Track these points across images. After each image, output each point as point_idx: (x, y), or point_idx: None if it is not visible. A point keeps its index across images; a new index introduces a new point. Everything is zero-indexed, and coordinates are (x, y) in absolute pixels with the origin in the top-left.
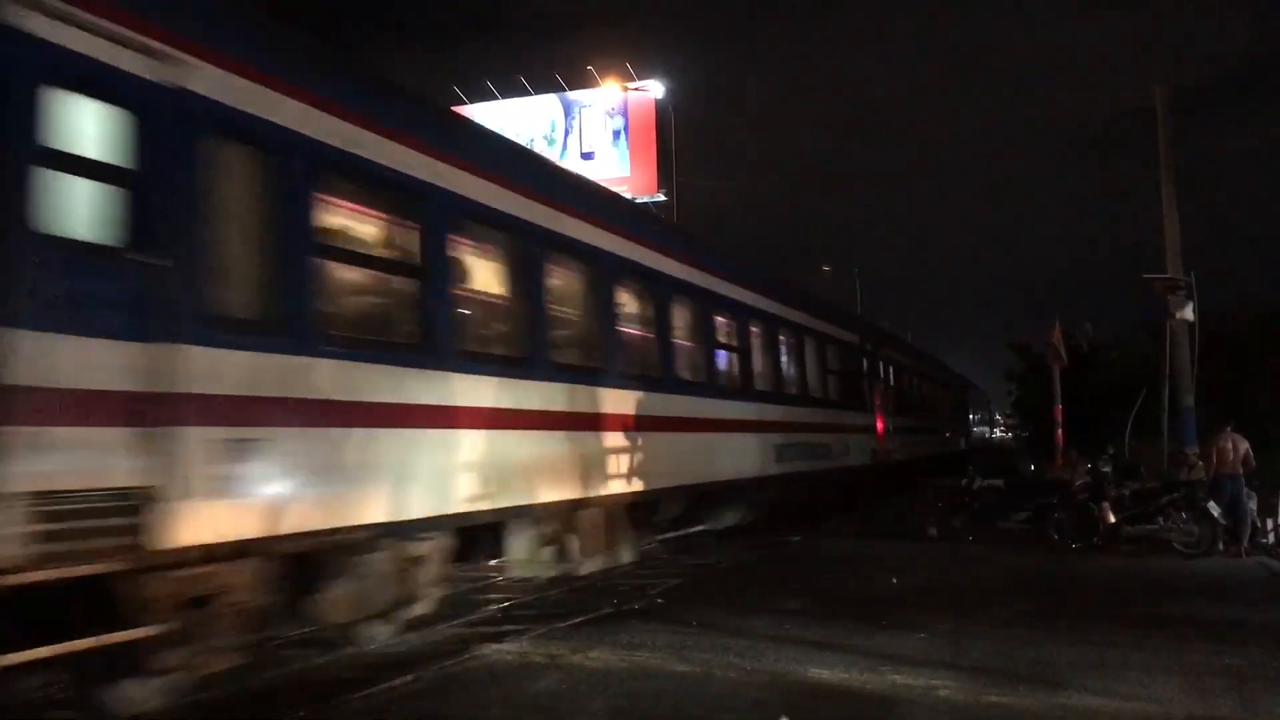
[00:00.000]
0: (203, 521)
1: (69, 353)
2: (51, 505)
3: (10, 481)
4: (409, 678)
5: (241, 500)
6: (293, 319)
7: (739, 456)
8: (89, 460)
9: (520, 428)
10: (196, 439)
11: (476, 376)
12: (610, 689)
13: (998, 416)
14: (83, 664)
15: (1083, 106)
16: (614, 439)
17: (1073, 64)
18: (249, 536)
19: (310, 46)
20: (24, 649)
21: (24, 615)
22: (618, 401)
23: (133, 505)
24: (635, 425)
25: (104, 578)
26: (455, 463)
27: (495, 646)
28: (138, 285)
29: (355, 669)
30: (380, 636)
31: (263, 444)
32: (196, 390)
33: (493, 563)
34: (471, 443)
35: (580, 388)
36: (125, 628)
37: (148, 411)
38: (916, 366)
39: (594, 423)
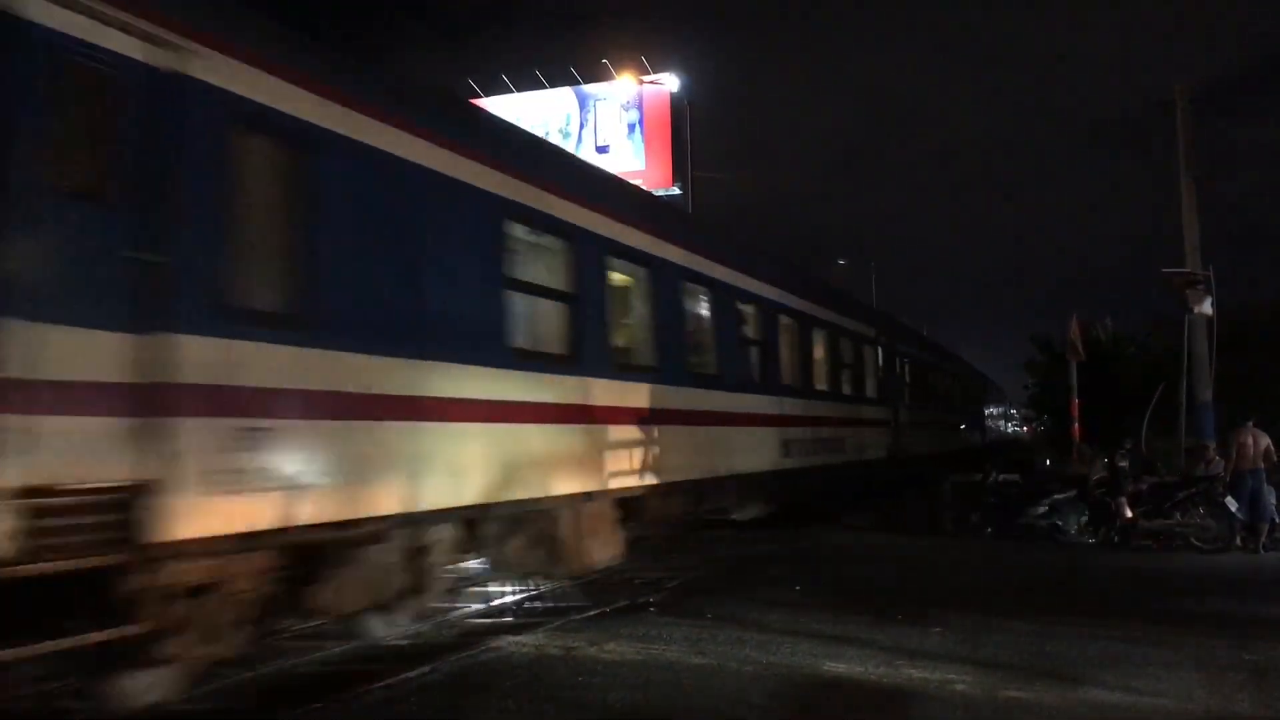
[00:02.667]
0: None
1: None
2: None
3: None
4: (425, 669)
5: None
6: None
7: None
8: None
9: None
10: None
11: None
12: (626, 681)
13: (1013, 411)
14: (86, 656)
15: (1104, 100)
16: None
17: (1094, 57)
18: None
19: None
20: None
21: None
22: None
23: None
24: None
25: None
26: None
27: (510, 638)
28: None
29: (371, 660)
30: None
31: None
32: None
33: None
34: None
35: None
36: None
37: None
38: (983, 386)
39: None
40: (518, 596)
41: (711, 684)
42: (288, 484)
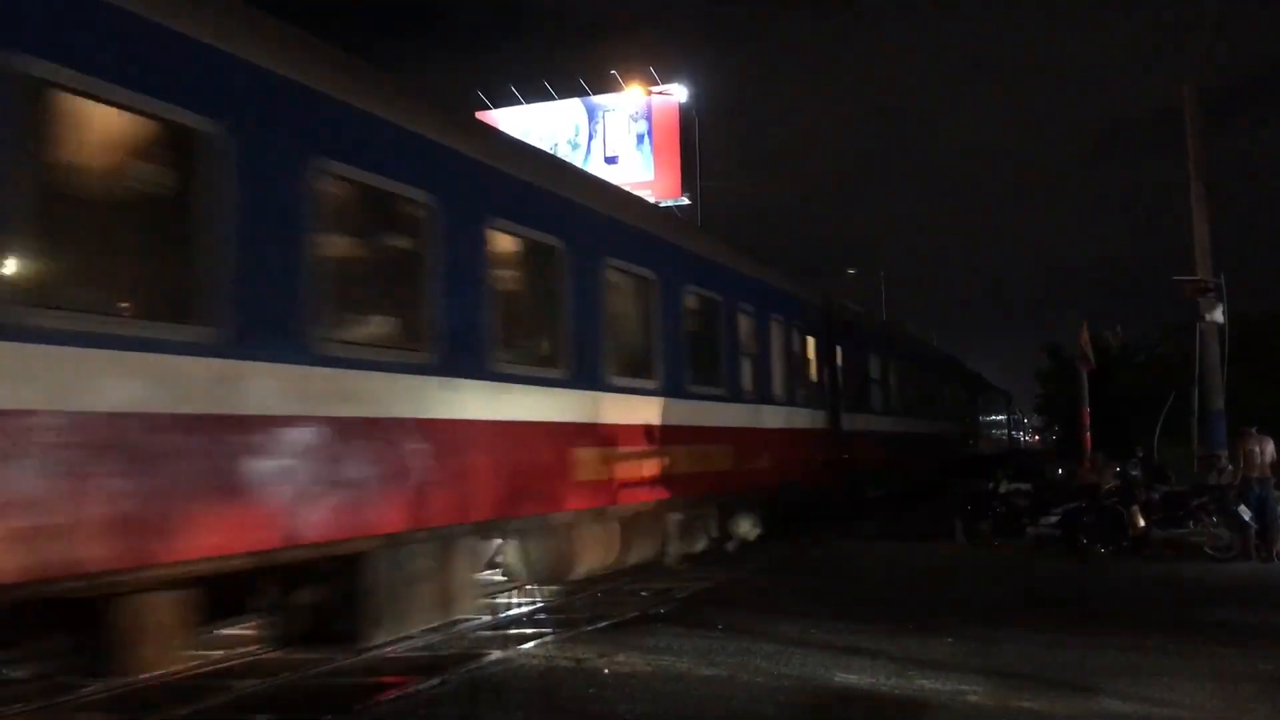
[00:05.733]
0: None
1: None
2: None
3: None
4: (435, 681)
5: None
6: None
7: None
8: None
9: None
10: None
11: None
12: (636, 693)
13: (1024, 420)
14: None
15: (1116, 106)
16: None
17: (1103, 63)
18: None
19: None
20: None
21: None
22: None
23: None
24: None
25: None
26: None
27: (520, 650)
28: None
29: (381, 672)
30: None
31: None
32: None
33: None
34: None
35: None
36: None
37: None
38: (1009, 403)
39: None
40: (527, 608)
41: (722, 695)
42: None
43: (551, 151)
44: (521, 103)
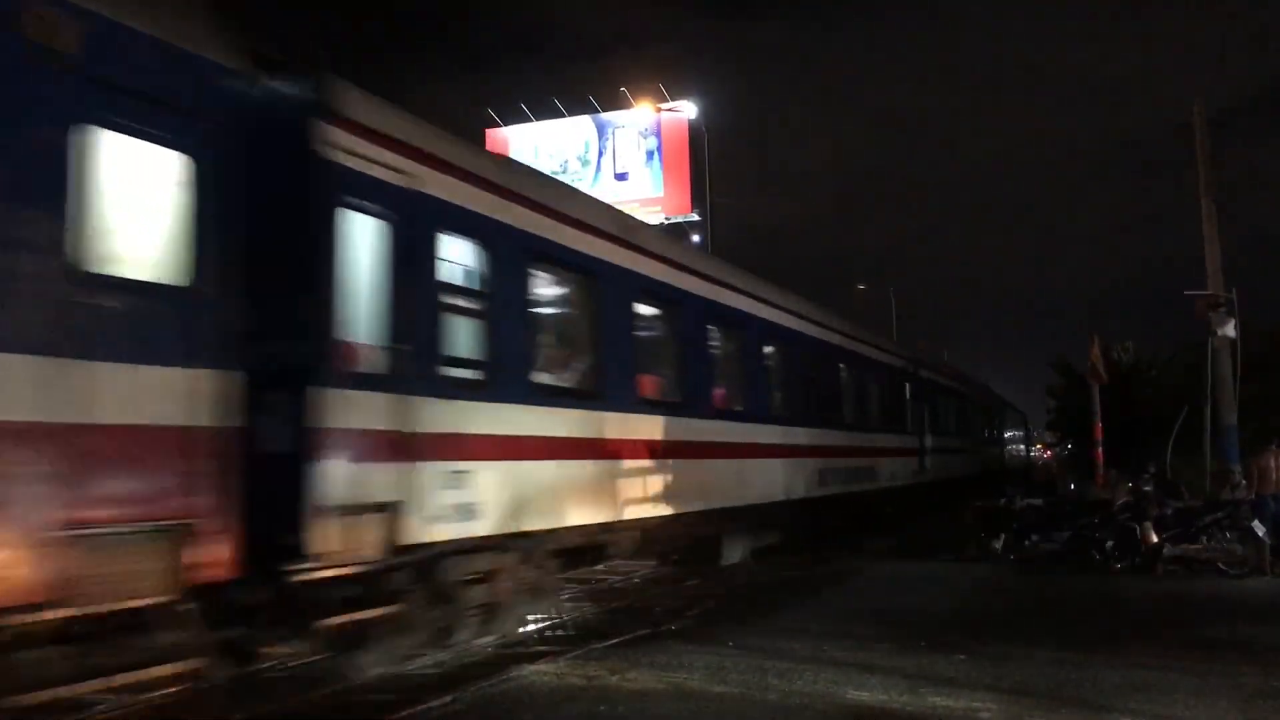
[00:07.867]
0: None
1: None
2: None
3: None
4: (447, 699)
5: None
6: None
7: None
8: None
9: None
10: None
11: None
12: (648, 711)
13: (1035, 435)
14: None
15: (1125, 121)
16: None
17: (1115, 79)
18: None
19: None
20: None
21: None
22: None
23: None
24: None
25: None
26: None
27: (533, 667)
28: None
29: (393, 690)
30: None
31: None
32: None
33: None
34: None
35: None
36: None
37: None
38: (1025, 421)
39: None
40: (539, 625)
41: (734, 713)
42: None
43: (561, 168)
44: (532, 119)
